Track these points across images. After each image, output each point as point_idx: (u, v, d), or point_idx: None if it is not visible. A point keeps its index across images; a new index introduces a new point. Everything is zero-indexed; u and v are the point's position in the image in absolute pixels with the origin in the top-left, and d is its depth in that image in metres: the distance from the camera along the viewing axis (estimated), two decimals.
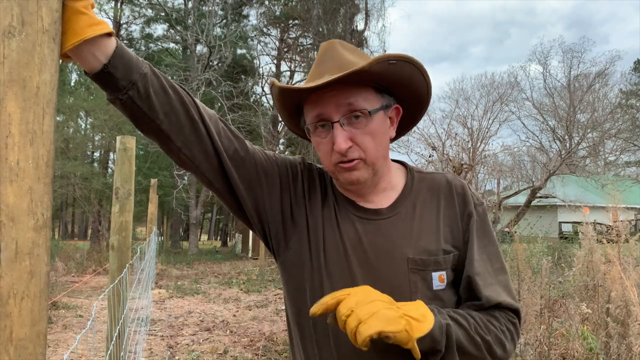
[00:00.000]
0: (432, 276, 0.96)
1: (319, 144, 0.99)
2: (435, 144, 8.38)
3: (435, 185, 1.06)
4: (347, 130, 0.95)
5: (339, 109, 0.95)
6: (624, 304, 3.34)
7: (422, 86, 1.01)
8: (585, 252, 3.81)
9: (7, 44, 0.62)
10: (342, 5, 20.80)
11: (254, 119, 19.16)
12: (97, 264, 11.94)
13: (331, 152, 0.97)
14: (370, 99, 0.97)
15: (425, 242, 0.98)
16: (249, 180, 0.99)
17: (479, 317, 0.94)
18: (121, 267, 2.54)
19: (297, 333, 1.03)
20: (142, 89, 0.83)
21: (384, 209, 1.02)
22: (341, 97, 0.94)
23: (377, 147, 0.98)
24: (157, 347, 5.12)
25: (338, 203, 1.04)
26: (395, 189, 1.05)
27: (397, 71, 0.95)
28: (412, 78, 0.98)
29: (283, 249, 1.04)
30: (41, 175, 0.64)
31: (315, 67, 1.00)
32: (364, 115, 0.95)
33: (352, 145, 0.95)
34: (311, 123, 0.98)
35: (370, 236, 0.99)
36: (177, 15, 21.60)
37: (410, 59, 0.94)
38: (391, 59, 0.92)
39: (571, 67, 21.32)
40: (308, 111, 0.99)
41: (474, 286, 0.97)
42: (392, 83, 0.98)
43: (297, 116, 1.07)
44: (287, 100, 1.01)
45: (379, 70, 0.92)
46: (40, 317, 0.64)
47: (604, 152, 21.98)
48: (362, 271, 0.96)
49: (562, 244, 9.65)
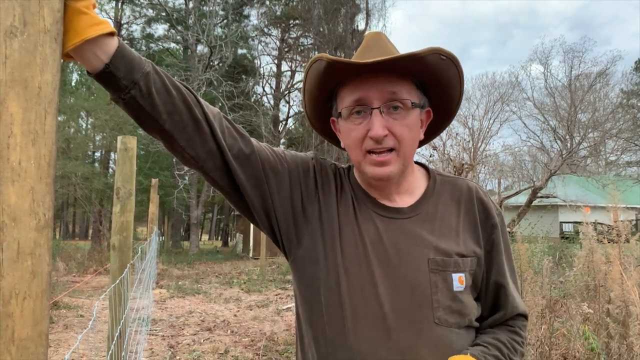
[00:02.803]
0: (452, 277, 0.96)
1: (350, 130, 0.97)
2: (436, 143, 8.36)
3: (457, 190, 1.06)
4: (385, 119, 0.93)
5: (382, 96, 0.93)
6: (625, 304, 3.34)
7: (456, 93, 1.01)
8: (586, 252, 3.81)
9: (9, 44, 0.62)
10: (343, 5, 20.81)
11: (254, 119, 19.18)
12: (98, 264, 11.95)
13: (363, 139, 0.95)
14: (412, 93, 0.96)
15: (446, 244, 0.98)
16: (254, 178, 0.98)
17: (507, 341, 0.99)
18: (122, 267, 2.54)
19: (310, 332, 1.00)
20: (145, 88, 0.82)
21: (405, 209, 1.01)
22: (385, 84, 0.93)
23: (411, 140, 0.97)
24: (158, 347, 5.12)
25: (357, 199, 1.02)
26: (417, 190, 1.05)
27: (442, 69, 0.94)
28: (450, 82, 0.98)
29: (295, 247, 1.02)
30: (43, 176, 0.64)
31: (359, 53, 0.99)
32: (404, 107, 0.94)
33: (388, 134, 0.94)
34: (348, 106, 0.96)
35: (392, 235, 0.98)
36: (177, 15, 21.60)
37: (457, 60, 0.94)
38: (442, 53, 0.92)
39: (572, 67, 21.32)
40: (346, 95, 0.97)
41: (502, 294, 1.03)
42: (433, 81, 0.98)
43: (325, 103, 1.05)
44: (327, 80, 0.98)
45: (430, 61, 0.91)
46: (42, 317, 0.64)
47: (605, 152, 21.97)
48: (381, 270, 0.95)
49: (563, 244, 9.65)
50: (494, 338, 0.98)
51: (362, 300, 0.94)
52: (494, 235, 1.03)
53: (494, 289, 1.03)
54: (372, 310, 0.93)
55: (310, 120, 1.12)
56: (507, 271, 1.05)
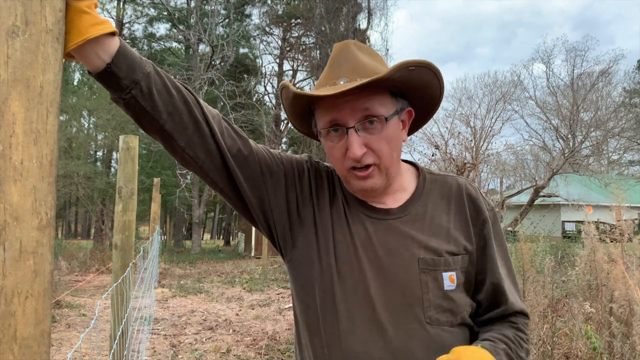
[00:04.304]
0: (443, 276, 0.96)
1: (331, 148, 0.98)
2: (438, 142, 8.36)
3: (447, 187, 1.06)
4: (361, 136, 0.93)
5: (355, 115, 0.93)
6: (628, 303, 3.33)
7: (436, 90, 1.00)
8: (589, 252, 3.80)
9: (11, 44, 0.62)
10: (345, 4, 20.78)
11: (256, 118, 19.19)
12: (100, 263, 11.97)
13: (344, 158, 0.95)
14: (386, 104, 0.95)
15: (436, 243, 0.98)
16: (253, 179, 0.98)
17: (513, 337, 0.98)
18: (124, 266, 2.55)
19: (306, 332, 1.02)
20: (146, 88, 0.82)
21: (394, 209, 1.02)
22: (357, 102, 0.92)
23: (392, 152, 0.97)
24: (160, 346, 5.13)
25: (348, 202, 1.03)
26: (406, 190, 1.05)
27: (414, 77, 0.94)
28: (428, 82, 0.98)
29: (290, 248, 1.03)
30: (45, 175, 0.64)
31: (328, 69, 0.99)
32: (379, 121, 0.94)
33: (367, 151, 0.94)
34: (324, 127, 0.97)
35: (381, 235, 0.98)
36: (179, 14, 21.62)
37: (429, 64, 0.93)
38: (410, 65, 0.91)
39: (574, 66, 21.30)
40: (321, 115, 0.97)
41: (498, 293, 1.01)
42: (408, 88, 0.97)
43: (307, 117, 1.05)
44: (297, 104, 1.00)
45: (398, 77, 0.91)
46: (44, 316, 0.64)
47: (608, 151, 21.91)
48: (372, 270, 0.96)
49: (565, 243, 9.63)
50: (499, 333, 0.98)
51: (355, 301, 0.95)
52: (485, 231, 1.03)
53: (489, 284, 1.02)
54: (364, 310, 0.94)
55: (300, 131, 1.13)
56: (503, 267, 1.04)
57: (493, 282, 1.02)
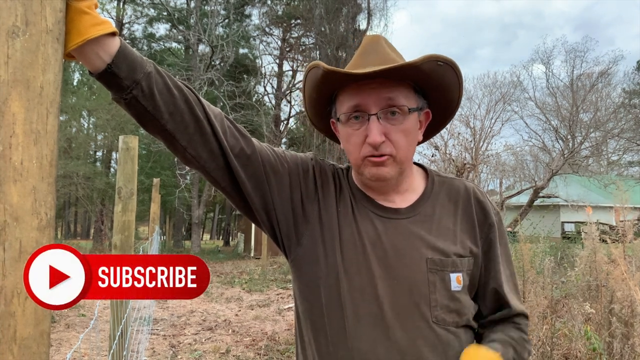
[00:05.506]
0: (450, 277, 0.97)
1: (349, 135, 0.98)
2: (438, 143, 8.35)
3: (454, 190, 1.07)
4: (382, 125, 0.94)
5: (379, 102, 0.94)
6: (628, 303, 3.33)
7: (455, 95, 1.01)
8: (588, 252, 3.80)
9: (11, 44, 0.62)
10: (345, 4, 20.78)
11: (256, 118, 19.18)
12: None
13: (362, 144, 0.96)
14: (409, 98, 0.97)
15: (443, 244, 0.99)
16: (255, 178, 0.98)
17: (518, 338, 1.01)
18: None
19: (310, 331, 1.01)
20: (146, 88, 0.82)
21: (403, 209, 1.02)
22: (382, 90, 0.94)
23: (408, 146, 0.98)
24: (160, 346, 5.13)
25: (355, 200, 1.03)
26: (415, 191, 1.06)
27: (440, 74, 0.95)
28: (449, 86, 0.99)
29: (295, 246, 1.03)
30: (45, 175, 0.64)
31: (358, 57, 1.00)
32: (401, 112, 0.95)
33: (385, 141, 0.95)
34: (346, 112, 0.97)
35: (390, 235, 0.99)
36: (179, 14, 21.62)
37: (455, 65, 0.95)
38: (440, 60, 0.92)
39: (574, 67, 21.31)
40: (344, 100, 0.98)
41: (501, 297, 1.03)
42: (431, 86, 0.98)
43: (324, 107, 1.06)
44: (324, 86, 1.00)
45: (427, 69, 0.92)
46: (43, 316, 0.64)
47: (607, 152, 21.93)
48: (380, 269, 0.96)
49: (565, 244, 9.63)
50: (507, 335, 1.00)
51: (362, 300, 0.95)
52: (491, 235, 1.04)
53: (492, 288, 1.03)
54: (371, 309, 0.94)
55: (312, 121, 1.13)
56: (506, 271, 1.05)
57: (496, 284, 1.03)
